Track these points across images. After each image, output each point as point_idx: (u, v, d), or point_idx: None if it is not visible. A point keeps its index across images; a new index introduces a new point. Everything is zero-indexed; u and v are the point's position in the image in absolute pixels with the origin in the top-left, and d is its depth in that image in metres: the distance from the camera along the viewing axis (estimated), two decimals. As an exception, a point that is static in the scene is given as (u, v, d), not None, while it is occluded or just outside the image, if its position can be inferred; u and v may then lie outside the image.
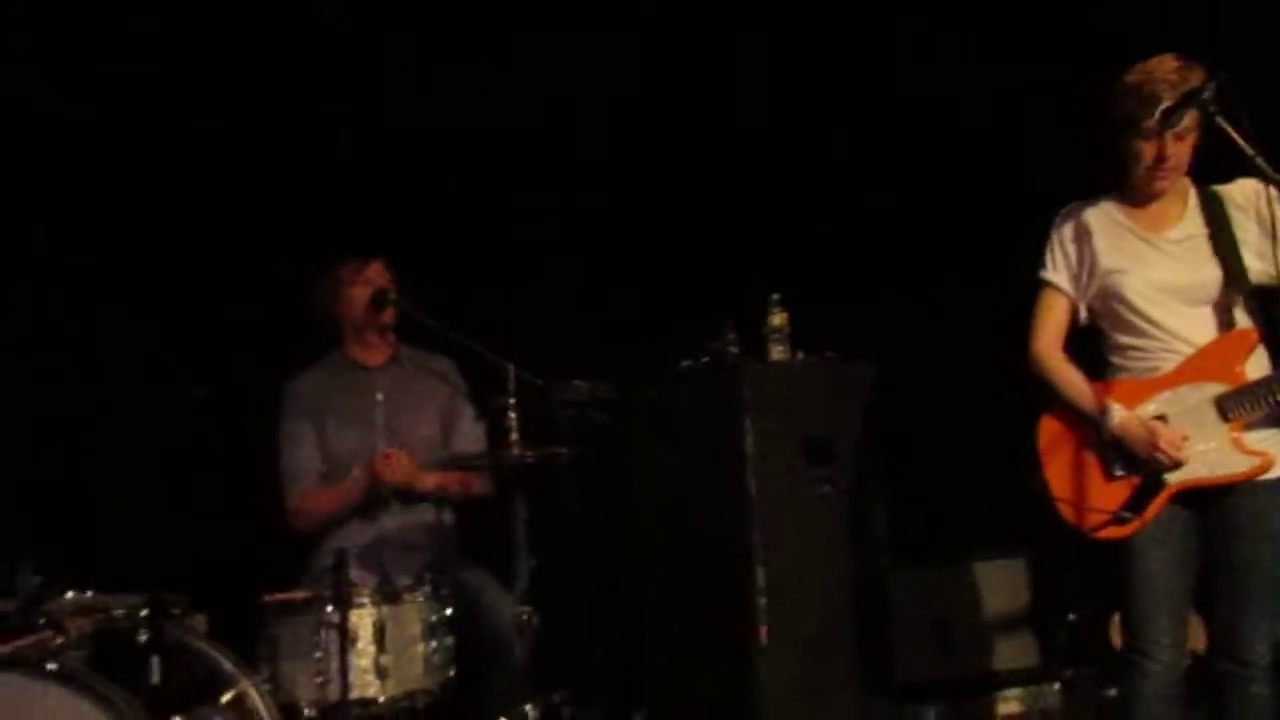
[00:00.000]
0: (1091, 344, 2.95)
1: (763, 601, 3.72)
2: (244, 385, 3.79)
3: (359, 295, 3.58)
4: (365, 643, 2.94)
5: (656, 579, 4.06)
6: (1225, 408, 2.71)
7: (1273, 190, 2.57)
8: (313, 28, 4.03)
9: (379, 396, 3.53)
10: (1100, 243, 2.86)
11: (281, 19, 3.95)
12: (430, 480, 3.53)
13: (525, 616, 3.09)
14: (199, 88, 3.87)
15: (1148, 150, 2.73)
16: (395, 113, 4.16)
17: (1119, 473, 2.80)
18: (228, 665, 2.78)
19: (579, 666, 3.89)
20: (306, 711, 2.93)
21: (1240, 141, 2.49)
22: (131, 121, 3.78)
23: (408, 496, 3.51)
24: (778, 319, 3.96)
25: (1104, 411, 2.79)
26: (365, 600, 2.97)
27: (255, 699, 2.76)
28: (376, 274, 3.61)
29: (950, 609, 4.28)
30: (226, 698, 2.76)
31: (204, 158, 3.89)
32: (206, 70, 3.88)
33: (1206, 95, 2.55)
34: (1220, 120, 2.52)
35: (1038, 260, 2.97)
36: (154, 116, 3.81)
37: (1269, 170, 2.48)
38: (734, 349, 3.94)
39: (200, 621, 2.96)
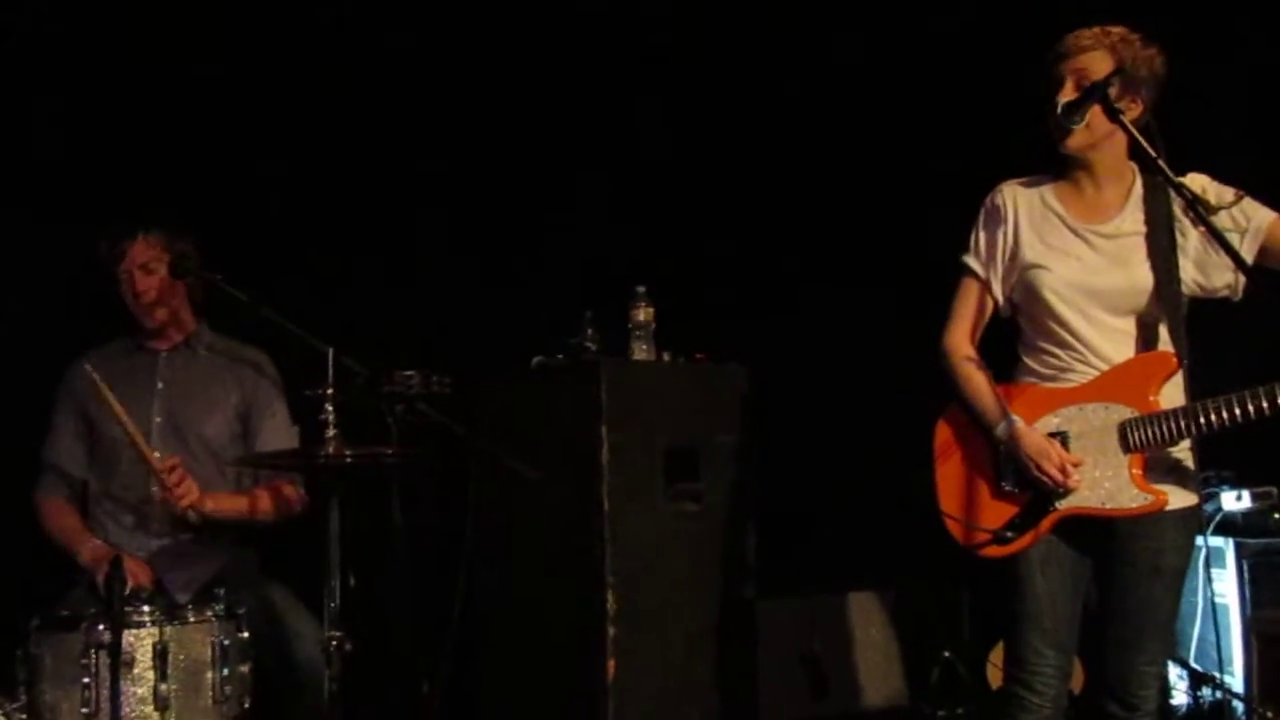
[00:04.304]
0: (1010, 337, 2.91)
1: (613, 631, 3.66)
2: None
3: (119, 278, 3.40)
4: (143, 668, 2.82)
5: (495, 603, 3.98)
6: (1129, 436, 2.66)
7: (1177, 195, 2.54)
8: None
9: (159, 385, 3.41)
10: (1025, 231, 2.79)
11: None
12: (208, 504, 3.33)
13: (335, 642, 2.93)
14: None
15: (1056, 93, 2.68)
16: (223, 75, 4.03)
17: (1008, 487, 2.78)
18: (-23, 691, 2.70)
19: (400, 701, 3.77)
20: (70, 745, 2.79)
21: (1142, 140, 2.46)
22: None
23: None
24: (643, 314, 3.92)
25: (1002, 418, 2.74)
26: (145, 619, 2.85)
27: (8, 729, 2.66)
28: (140, 253, 3.39)
29: (820, 643, 4.29)
30: (-26, 727, 2.66)
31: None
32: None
33: (1110, 90, 2.52)
34: (1123, 117, 2.49)
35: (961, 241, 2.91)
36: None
37: (1170, 173, 2.44)
38: (593, 346, 3.89)
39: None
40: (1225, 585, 4.06)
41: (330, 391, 2.96)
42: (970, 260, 2.88)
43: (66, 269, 3.69)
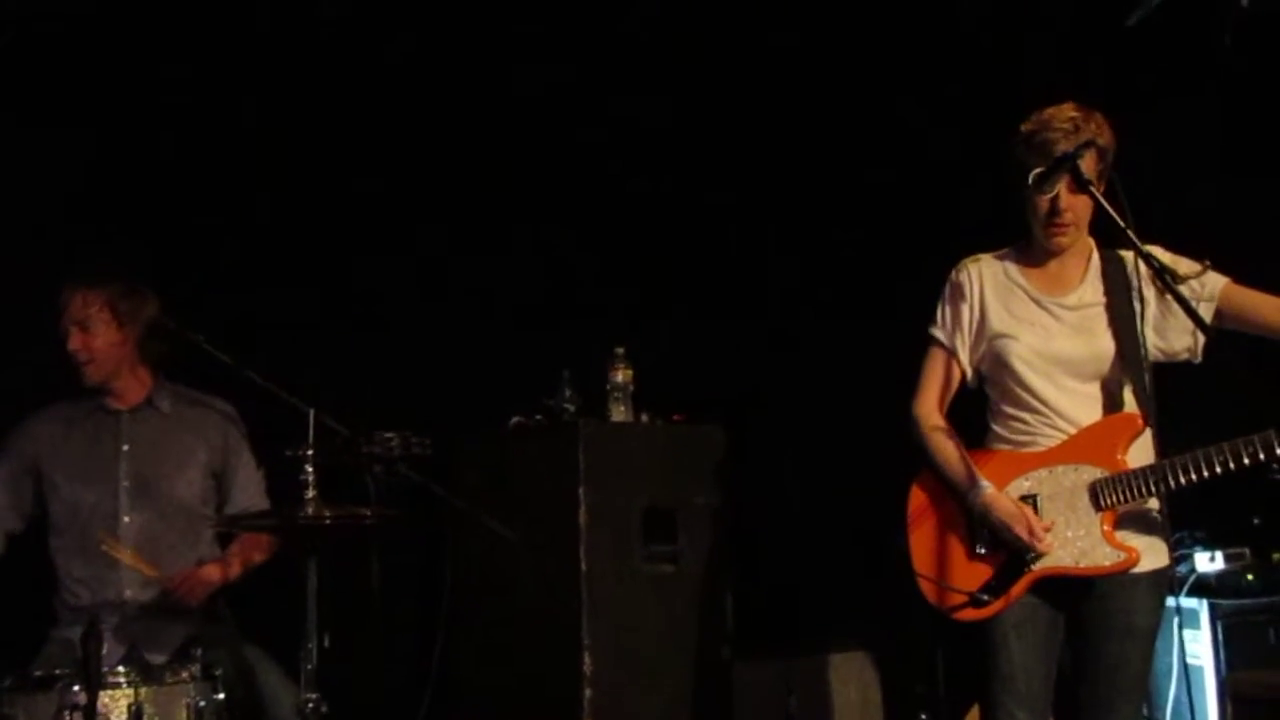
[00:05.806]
0: (980, 406, 2.97)
1: (590, 692, 3.64)
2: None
3: (64, 332, 3.30)
4: (118, 729, 2.78)
5: (472, 663, 3.95)
6: (1099, 495, 2.73)
7: (1145, 264, 2.61)
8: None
9: (125, 447, 3.36)
10: (991, 302, 2.87)
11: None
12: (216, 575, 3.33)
13: (312, 705, 2.89)
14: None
15: (1041, 203, 2.77)
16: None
17: (981, 550, 2.81)
18: (-50, 756, 2.61)
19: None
20: (44, 810, 2.70)
21: (1111, 210, 2.53)
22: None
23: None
24: (621, 375, 3.92)
25: (973, 484, 2.80)
26: (120, 679, 2.80)
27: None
28: (77, 309, 3.27)
29: (797, 705, 4.22)
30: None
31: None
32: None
33: (1080, 161, 2.60)
34: (1091, 188, 2.58)
35: (929, 315, 2.99)
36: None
37: (1139, 243, 2.51)
38: (571, 406, 3.89)
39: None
40: (1199, 646, 4.02)
41: (310, 452, 2.93)
42: (937, 332, 2.95)
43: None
